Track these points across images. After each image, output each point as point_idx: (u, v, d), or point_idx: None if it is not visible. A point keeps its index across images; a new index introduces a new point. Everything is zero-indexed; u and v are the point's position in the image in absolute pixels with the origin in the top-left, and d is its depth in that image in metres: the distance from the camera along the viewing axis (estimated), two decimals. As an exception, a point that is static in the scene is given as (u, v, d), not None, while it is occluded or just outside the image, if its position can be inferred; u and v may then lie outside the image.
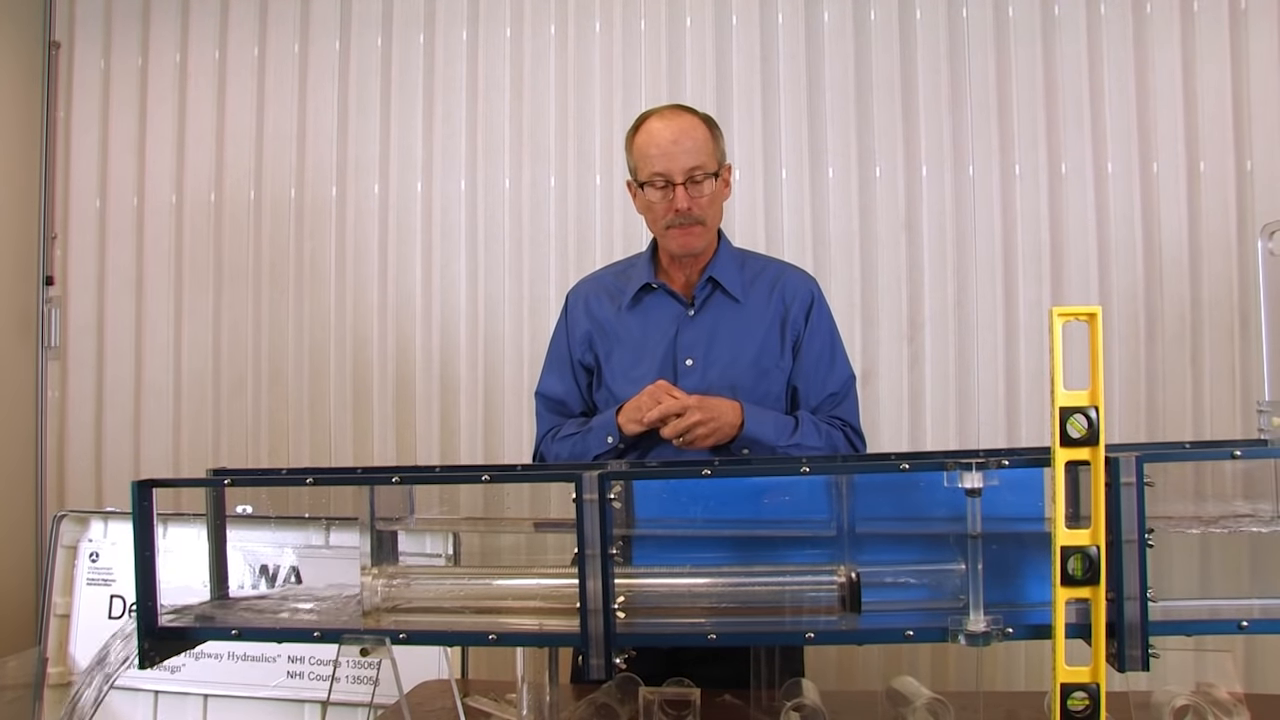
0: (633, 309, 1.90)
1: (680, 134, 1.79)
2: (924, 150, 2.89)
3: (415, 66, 3.09)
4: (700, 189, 1.78)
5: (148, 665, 1.25)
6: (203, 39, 3.18)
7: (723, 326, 1.84)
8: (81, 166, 3.22)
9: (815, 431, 1.78)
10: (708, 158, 1.79)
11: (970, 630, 1.13)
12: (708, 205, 1.81)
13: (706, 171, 1.78)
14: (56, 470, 3.20)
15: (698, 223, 1.81)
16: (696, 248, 1.84)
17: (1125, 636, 1.08)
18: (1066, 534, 1.06)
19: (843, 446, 1.81)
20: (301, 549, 1.94)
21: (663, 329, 1.86)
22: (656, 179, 1.79)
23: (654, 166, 1.79)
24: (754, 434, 1.72)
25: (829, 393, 1.85)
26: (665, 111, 1.85)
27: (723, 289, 1.86)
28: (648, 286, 1.90)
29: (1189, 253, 2.78)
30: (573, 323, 1.96)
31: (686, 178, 1.77)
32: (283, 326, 3.12)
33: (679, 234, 1.82)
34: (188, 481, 1.55)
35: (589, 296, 1.96)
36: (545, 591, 1.28)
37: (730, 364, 1.80)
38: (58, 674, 1.98)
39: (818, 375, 1.85)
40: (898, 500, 1.26)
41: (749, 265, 1.92)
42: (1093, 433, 1.05)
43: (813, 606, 1.22)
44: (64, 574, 2.04)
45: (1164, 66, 2.80)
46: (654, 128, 1.81)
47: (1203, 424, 2.74)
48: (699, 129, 1.81)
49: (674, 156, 1.78)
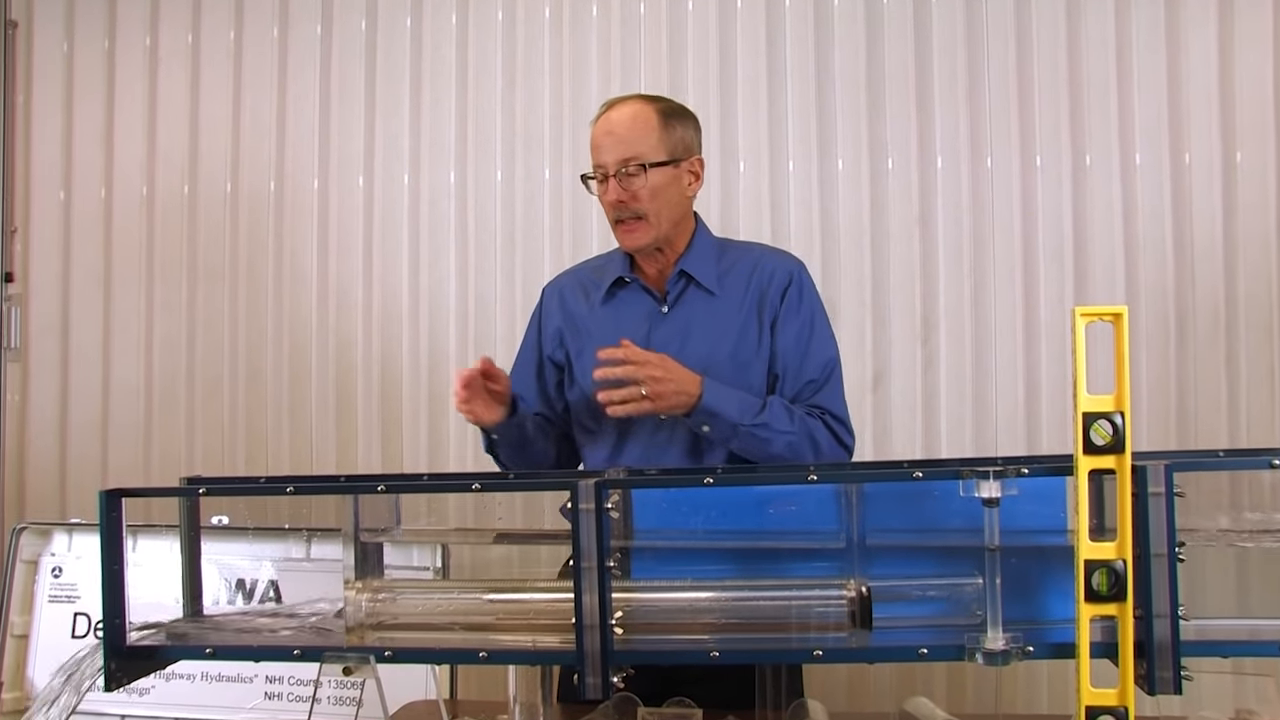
0: (606, 304, 1.91)
1: (616, 125, 1.80)
2: (939, 140, 2.89)
3: (402, 51, 3.09)
4: (632, 182, 1.78)
5: (114, 687, 1.25)
6: (175, 20, 3.18)
7: (697, 322, 1.84)
8: (43, 156, 3.21)
9: (787, 416, 1.74)
10: (647, 147, 1.78)
11: (988, 649, 1.13)
12: (647, 199, 1.79)
13: (643, 162, 1.78)
14: (15, 479, 3.19)
15: (638, 217, 1.81)
16: (639, 244, 1.83)
17: (1155, 657, 1.08)
18: (1090, 547, 1.06)
19: (823, 437, 1.77)
20: (281, 562, 1.94)
21: (635, 326, 1.86)
22: (596, 172, 1.82)
23: (594, 159, 1.82)
24: (713, 406, 1.70)
25: (807, 379, 1.82)
26: (616, 103, 1.86)
27: (696, 282, 1.86)
28: (621, 281, 1.90)
29: (1223, 248, 2.78)
30: (546, 317, 1.98)
31: (618, 169, 1.78)
32: (261, 326, 3.12)
33: (622, 231, 1.83)
34: (159, 491, 1.55)
35: (564, 290, 1.98)
36: (539, 606, 1.28)
37: (706, 361, 1.79)
38: (13, 700, 1.97)
39: (794, 360, 1.82)
40: (911, 510, 1.26)
41: (727, 255, 1.92)
42: (1118, 440, 1.05)
43: (821, 622, 1.22)
44: (23, 590, 2.03)
45: (1198, 49, 2.80)
46: (599, 121, 1.84)
47: (1238, 431, 2.74)
48: (641, 118, 1.80)
49: (606, 148, 1.80)
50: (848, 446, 1.82)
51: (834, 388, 1.84)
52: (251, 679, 1.91)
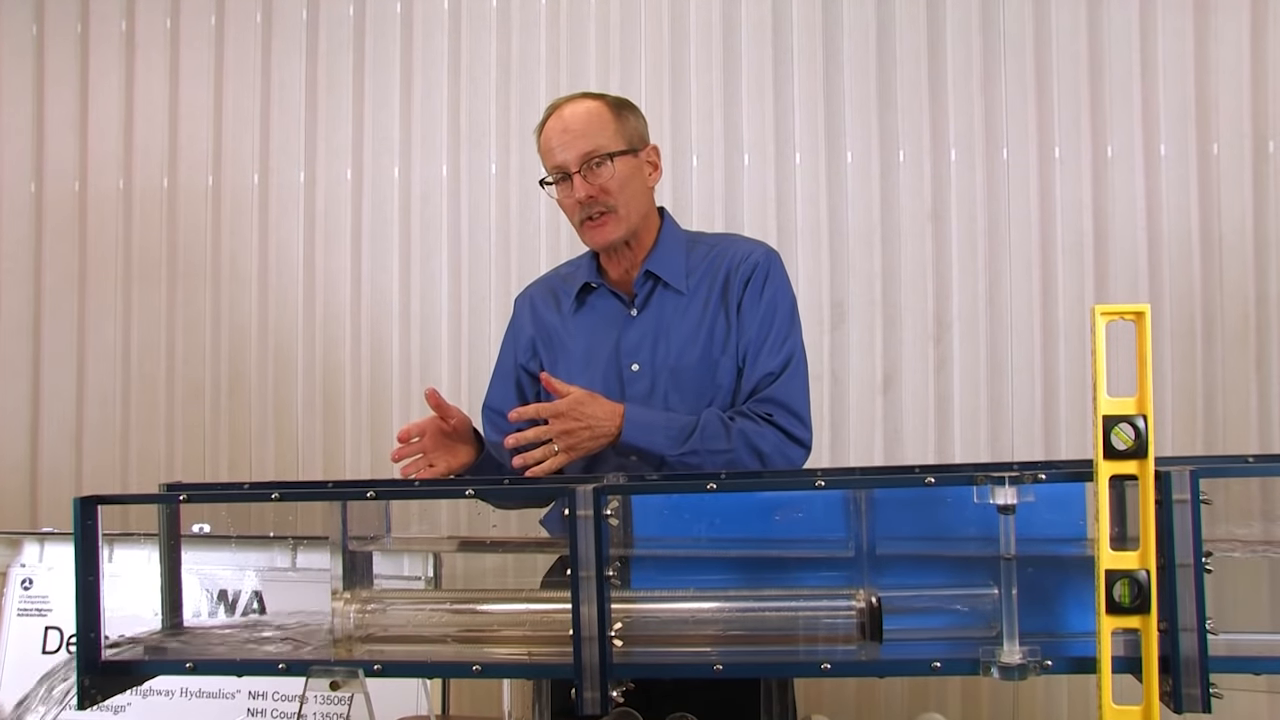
0: (577, 312, 1.94)
1: (570, 122, 1.83)
2: (953, 132, 2.90)
3: (392, 39, 3.10)
4: (598, 174, 1.81)
5: (88, 705, 1.24)
6: (152, 4, 3.18)
7: (666, 324, 1.86)
8: (12, 147, 3.22)
9: (722, 433, 1.75)
10: (606, 139, 1.82)
11: (1004, 662, 1.13)
12: (616, 190, 1.83)
13: (605, 152, 1.81)
14: (-15, 487, 3.20)
15: (607, 211, 1.83)
16: (611, 239, 1.86)
17: (1181, 673, 1.08)
18: (1111, 556, 1.06)
19: (768, 443, 1.76)
20: (265, 572, 1.94)
21: (605, 332, 1.89)
22: (555, 173, 1.85)
23: (551, 161, 1.85)
24: (634, 443, 1.71)
25: (765, 371, 1.82)
26: (562, 103, 1.89)
27: (664, 282, 1.88)
28: (588, 286, 1.93)
29: (1253, 244, 2.78)
30: (518, 329, 2.02)
31: (582, 165, 1.81)
32: (244, 326, 3.12)
33: (591, 228, 1.86)
34: (137, 498, 1.55)
35: (535, 299, 2.02)
36: (534, 618, 1.29)
37: (678, 363, 1.82)
38: (-22, 721, 1.98)
39: (753, 350, 1.83)
40: (923, 518, 1.26)
41: (696, 250, 1.93)
42: (1140, 444, 1.05)
43: (829, 635, 1.22)
44: (-10, 604, 2.04)
45: (1227, 34, 2.80)
46: (549, 124, 1.87)
47: (1270, 435, 2.75)
48: (594, 113, 1.84)
49: (565, 146, 1.82)
50: (801, 441, 1.81)
51: (791, 380, 1.83)
52: (234, 695, 1.92)
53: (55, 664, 1.32)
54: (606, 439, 1.70)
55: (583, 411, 1.68)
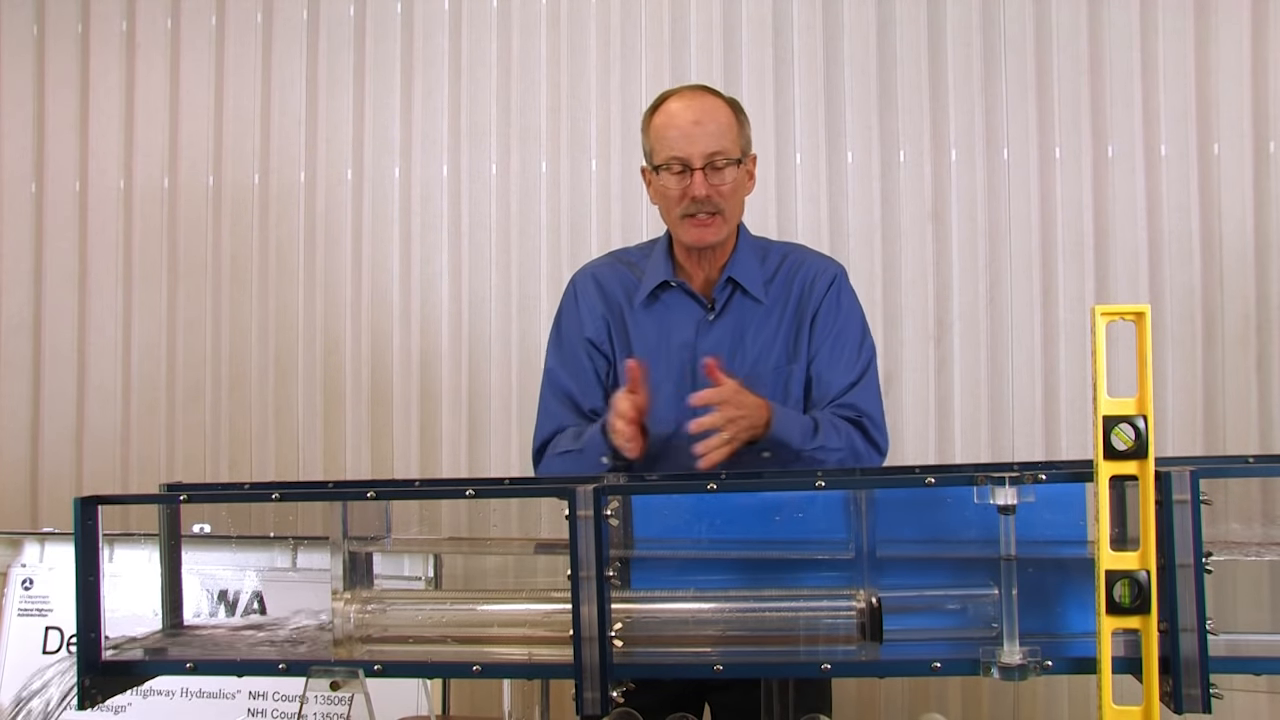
0: (648, 307, 1.91)
1: (702, 116, 1.81)
2: (953, 131, 2.90)
3: (392, 38, 3.09)
4: (721, 176, 1.81)
5: (88, 705, 1.25)
6: (152, 4, 3.18)
7: (744, 331, 1.88)
8: (13, 146, 3.22)
9: (835, 433, 1.79)
10: (730, 143, 1.82)
11: (1004, 663, 1.13)
12: (729, 195, 1.83)
13: (728, 158, 1.81)
14: (-15, 487, 3.20)
15: (716, 213, 1.83)
16: (712, 241, 1.86)
17: (1181, 673, 1.08)
18: (1112, 557, 1.06)
19: (861, 446, 1.81)
20: (265, 572, 1.95)
21: (681, 333, 1.88)
22: (674, 163, 1.81)
23: (672, 150, 1.81)
24: (780, 435, 1.72)
25: (845, 380, 1.86)
26: (687, 92, 1.88)
27: (743, 289, 1.89)
28: (665, 284, 1.91)
29: (1254, 245, 2.78)
30: (588, 305, 1.95)
31: (706, 163, 1.80)
32: (245, 326, 3.12)
33: (694, 225, 1.84)
34: (138, 498, 1.56)
35: (600, 281, 1.96)
36: (535, 618, 1.29)
37: (754, 370, 1.83)
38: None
39: (833, 361, 1.87)
40: (923, 518, 1.27)
41: (770, 258, 1.95)
42: (1141, 444, 1.06)
43: (829, 635, 1.22)
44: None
45: (1228, 35, 2.80)
46: (674, 109, 1.84)
47: (1271, 436, 2.74)
48: (723, 112, 1.84)
49: (694, 139, 1.80)
50: (880, 448, 1.85)
51: (869, 388, 1.88)
52: (234, 695, 1.92)
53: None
54: (759, 430, 1.69)
55: (742, 401, 1.68)
